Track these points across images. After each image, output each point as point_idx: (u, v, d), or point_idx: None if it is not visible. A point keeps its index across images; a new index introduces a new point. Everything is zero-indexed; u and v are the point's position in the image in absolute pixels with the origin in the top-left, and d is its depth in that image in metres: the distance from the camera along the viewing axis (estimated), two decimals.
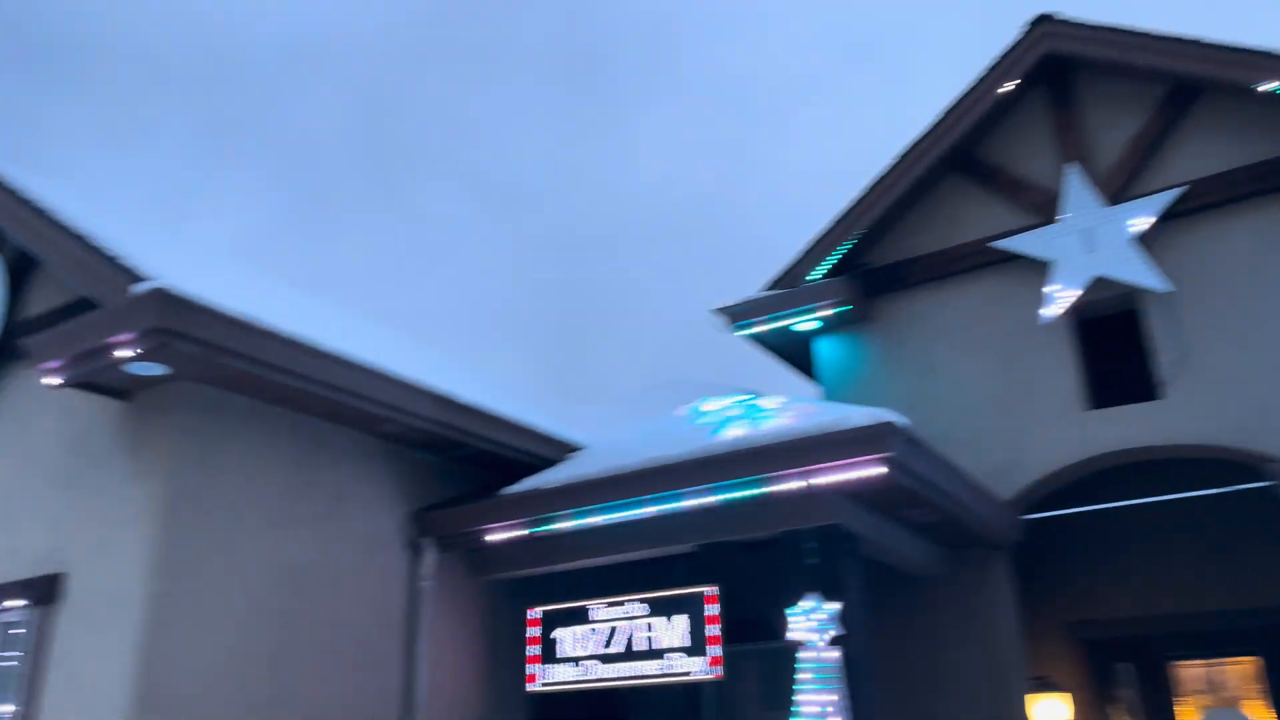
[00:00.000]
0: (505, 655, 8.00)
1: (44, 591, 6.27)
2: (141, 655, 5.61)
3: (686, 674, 6.96)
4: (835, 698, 5.97)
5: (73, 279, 6.48)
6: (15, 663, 6.22)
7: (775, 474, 6.15)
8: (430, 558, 7.46)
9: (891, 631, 8.26)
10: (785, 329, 9.99)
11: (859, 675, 6.15)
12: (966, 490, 7.26)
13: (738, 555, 7.01)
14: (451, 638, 7.61)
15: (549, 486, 7.01)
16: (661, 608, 7.19)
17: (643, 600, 7.30)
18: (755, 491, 6.28)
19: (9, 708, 6.15)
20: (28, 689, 6.07)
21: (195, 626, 5.90)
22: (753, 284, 10.29)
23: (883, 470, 5.94)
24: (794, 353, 10.58)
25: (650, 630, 7.18)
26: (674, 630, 7.08)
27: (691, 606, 7.08)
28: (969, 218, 9.72)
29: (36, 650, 6.15)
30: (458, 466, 8.07)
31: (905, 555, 7.65)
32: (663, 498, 6.56)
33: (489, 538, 7.35)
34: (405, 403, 6.91)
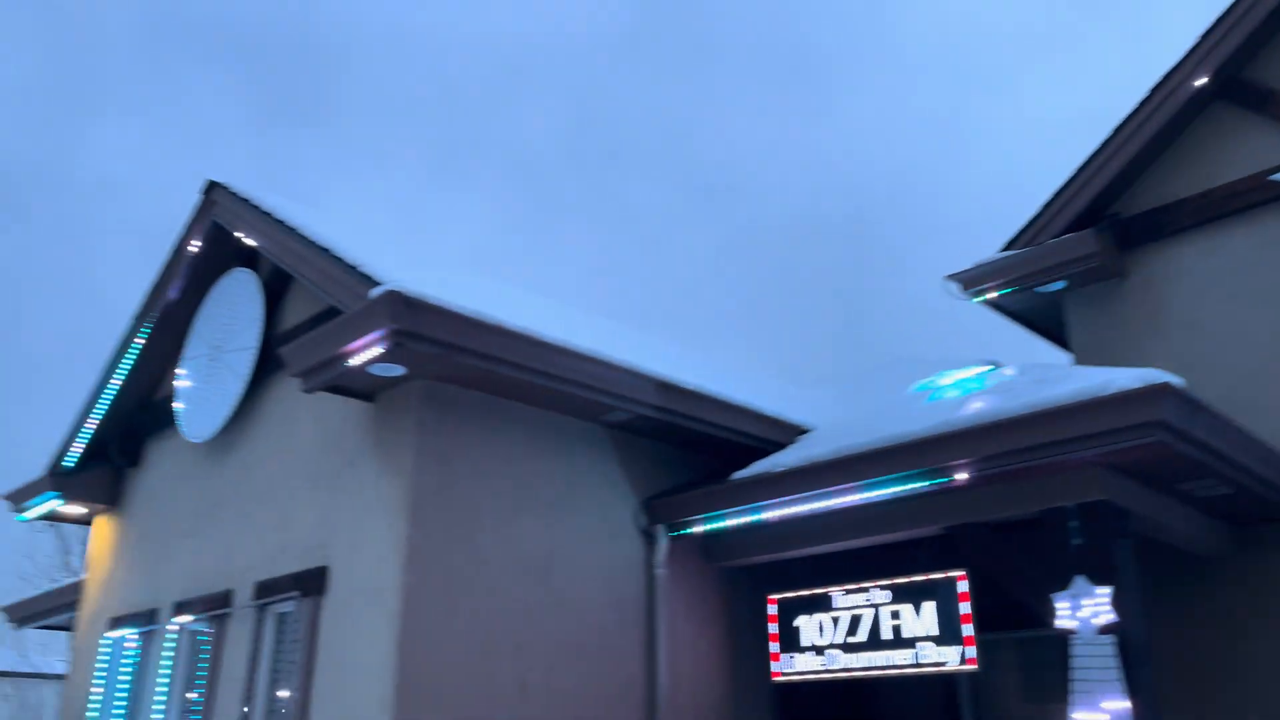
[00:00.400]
0: (746, 644, 7.82)
1: (311, 584, 6.71)
2: (399, 645, 5.86)
3: (940, 664, 6.52)
4: (1113, 690, 5.37)
5: (319, 289, 6.89)
6: (292, 650, 6.70)
7: (1030, 446, 5.60)
8: (663, 545, 7.41)
9: (1173, 618, 7.40)
10: (1027, 292, 9.17)
11: (1138, 665, 5.50)
12: (1260, 457, 6.35)
13: (990, 537, 6.48)
14: (690, 626, 7.52)
15: (780, 469, 6.76)
16: (908, 594, 6.78)
17: (886, 586, 6.92)
18: (1008, 467, 5.75)
19: (287, 691, 6.62)
20: (303, 674, 6.51)
21: (444, 618, 6.11)
22: (988, 251, 9.50)
23: (1156, 438, 5.27)
24: (1039, 318, 9.74)
25: (897, 618, 6.79)
26: (923, 618, 6.66)
27: (940, 592, 6.63)
28: (1240, 150, 8.56)
29: (309, 638, 6.58)
30: (686, 453, 7.98)
31: (1187, 533, 6.81)
32: (903, 478, 6.14)
33: (721, 524, 7.19)
34: (630, 390, 6.88)
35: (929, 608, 6.65)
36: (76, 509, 9.91)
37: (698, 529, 7.33)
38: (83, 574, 10.40)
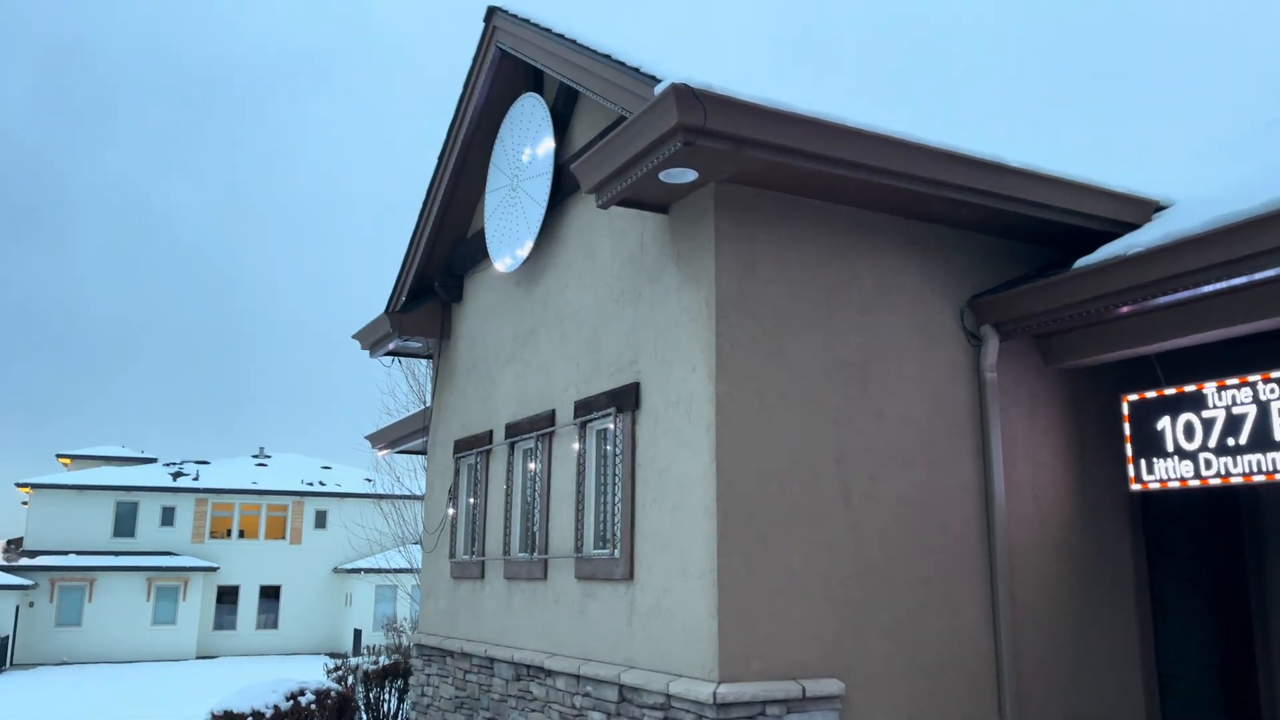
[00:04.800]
0: (1095, 451, 7.03)
1: (625, 400, 6.73)
2: (716, 455, 5.72)
3: None
4: None
5: (603, 98, 6.61)
6: (615, 463, 6.83)
7: None
8: (992, 347, 6.68)
9: None
10: None
11: None
12: None
13: None
14: (1026, 432, 6.83)
15: (1138, 251, 5.74)
16: None
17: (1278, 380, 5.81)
18: None
19: (614, 501, 6.80)
20: (626, 486, 6.63)
21: (760, 427, 5.89)
22: None
23: None
24: None
25: None
26: None
27: None
28: None
29: (629, 453, 6.66)
30: (1014, 244, 7.08)
31: None
32: None
33: (1061, 319, 6.33)
34: (946, 174, 6.08)
35: None
36: (413, 344, 10.74)
37: (1033, 328, 6.52)
38: (429, 404, 11.37)
